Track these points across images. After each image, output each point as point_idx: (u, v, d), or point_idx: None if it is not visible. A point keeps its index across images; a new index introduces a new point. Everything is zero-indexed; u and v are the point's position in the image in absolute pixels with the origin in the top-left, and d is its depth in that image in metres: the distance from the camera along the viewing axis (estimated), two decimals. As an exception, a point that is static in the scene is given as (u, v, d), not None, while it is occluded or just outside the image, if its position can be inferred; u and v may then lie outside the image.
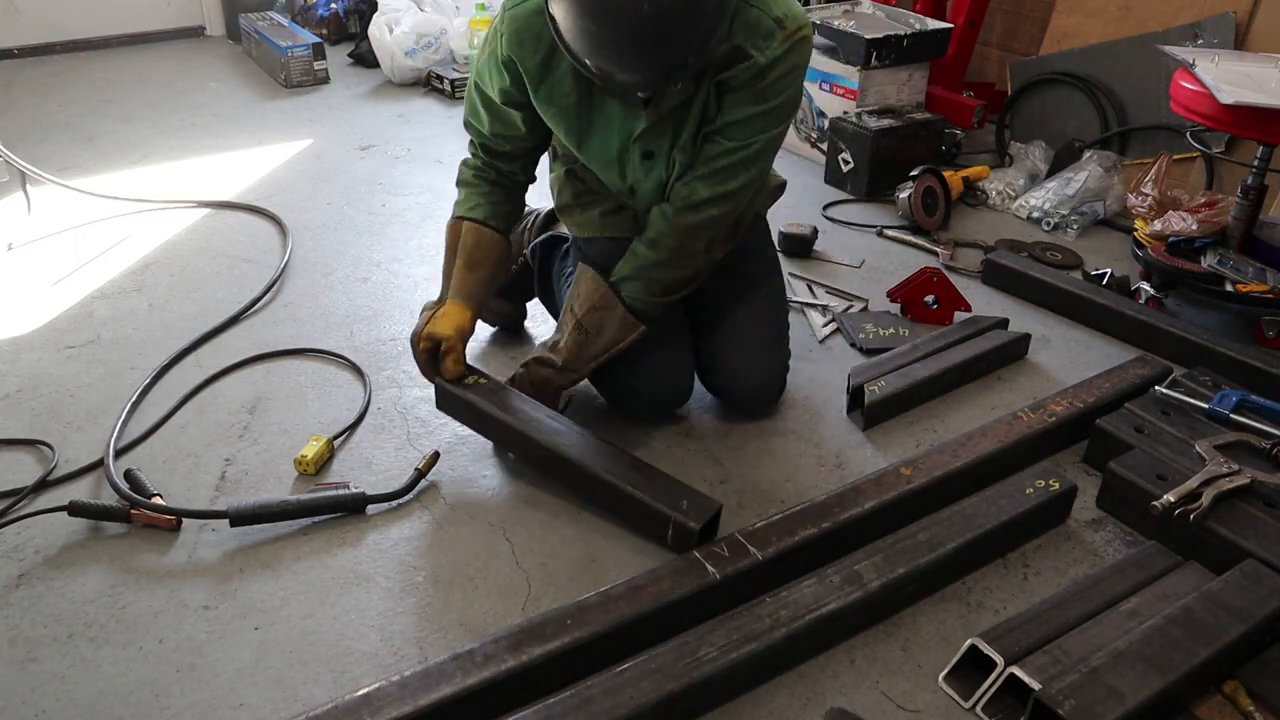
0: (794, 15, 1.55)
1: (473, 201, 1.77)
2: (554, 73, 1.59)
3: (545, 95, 1.62)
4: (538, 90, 1.62)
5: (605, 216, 1.82)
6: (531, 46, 1.57)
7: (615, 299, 1.71)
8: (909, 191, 2.69)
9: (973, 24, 3.23)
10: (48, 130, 3.30)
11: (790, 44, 1.53)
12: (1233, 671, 1.34)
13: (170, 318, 2.21)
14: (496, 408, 1.69)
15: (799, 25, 1.54)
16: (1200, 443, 1.68)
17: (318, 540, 1.58)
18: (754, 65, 1.53)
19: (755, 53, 1.52)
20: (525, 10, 1.56)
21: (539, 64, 1.58)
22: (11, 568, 1.51)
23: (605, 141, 1.67)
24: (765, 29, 1.52)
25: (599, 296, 1.71)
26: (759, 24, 1.52)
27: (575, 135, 1.67)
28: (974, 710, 1.31)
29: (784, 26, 1.52)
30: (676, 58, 1.40)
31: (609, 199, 1.82)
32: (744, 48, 1.52)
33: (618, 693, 1.22)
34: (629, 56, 1.40)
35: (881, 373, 1.95)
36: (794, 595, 1.38)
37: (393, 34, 3.76)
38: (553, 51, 1.56)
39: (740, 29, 1.51)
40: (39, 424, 1.84)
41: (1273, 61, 2.25)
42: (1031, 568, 1.56)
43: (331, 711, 1.19)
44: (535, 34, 1.55)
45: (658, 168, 1.68)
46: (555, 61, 1.58)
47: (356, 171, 3.03)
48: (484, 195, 1.77)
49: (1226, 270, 2.21)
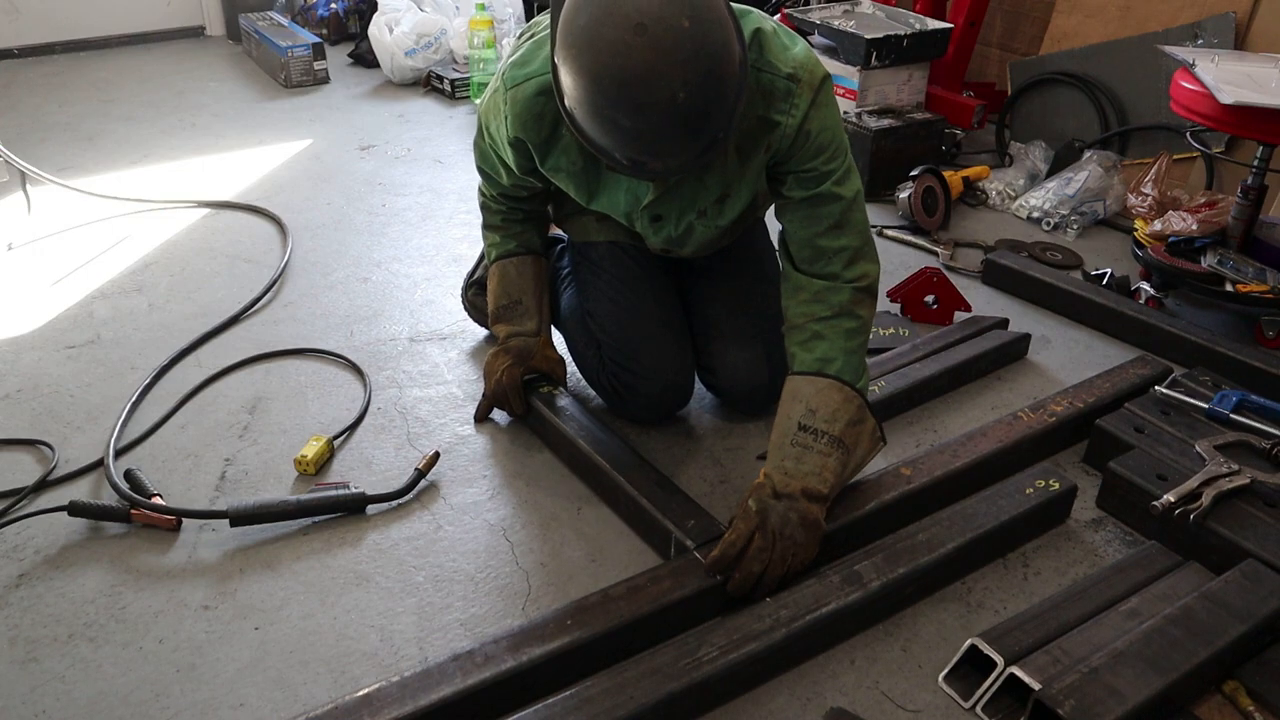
0: (802, 63, 1.44)
1: (516, 240, 1.85)
2: (559, 144, 1.55)
3: (553, 165, 1.59)
4: (545, 161, 1.59)
5: (602, 222, 1.83)
6: (535, 126, 1.52)
7: (867, 411, 1.52)
8: (909, 191, 2.69)
9: (973, 24, 3.22)
10: (48, 130, 3.30)
11: (814, 94, 1.44)
12: (1233, 671, 1.34)
13: (170, 318, 2.21)
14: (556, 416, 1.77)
15: (811, 70, 1.44)
16: (1200, 443, 1.68)
17: (318, 540, 1.58)
18: (787, 129, 1.44)
19: (781, 117, 1.43)
20: (526, 93, 1.49)
21: (544, 140, 1.55)
22: (11, 568, 1.51)
23: (614, 200, 1.64)
24: (781, 90, 1.43)
25: (854, 410, 1.50)
26: (773, 88, 1.43)
27: (585, 194, 1.64)
28: (974, 710, 1.31)
29: (799, 80, 1.42)
30: (709, 137, 1.33)
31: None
32: (768, 116, 1.44)
33: (618, 693, 1.22)
34: (665, 145, 1.31)
35: (881, 373, 1.95)
36: (794, 595, 1.38)
37: (393, 34, 3.76)
38: (556, 126, 1.52)
39: (757, 99, 1.42)
40: (39, 424, 1.84)
41: (1273, 61, 2.25)
42: (1031, 568, 1.56)
43: (331, 711, 1.19)
44: (538, 114, 1.50)
45: (666, 228, 1.66)
46: (558, 135, 1.54)
47: (356, 171, 3.03)
48: (521, 232, 1.86)
49: (1226, 270, 2.21)
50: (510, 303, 1.84)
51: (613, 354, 1.80)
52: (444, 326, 2.19)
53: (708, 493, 1.70)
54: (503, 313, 1.84)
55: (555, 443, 1.78)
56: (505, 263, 1.85)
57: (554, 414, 1.77)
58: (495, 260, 1.86)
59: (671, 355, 1.80)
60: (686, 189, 1.58)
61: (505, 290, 1.84)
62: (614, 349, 1.80)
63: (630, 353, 1.77)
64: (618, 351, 1.79)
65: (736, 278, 1.86)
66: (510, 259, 1.84)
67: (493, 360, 1.84)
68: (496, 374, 1.82)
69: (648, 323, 1.80)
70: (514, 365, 1.82)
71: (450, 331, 2.17)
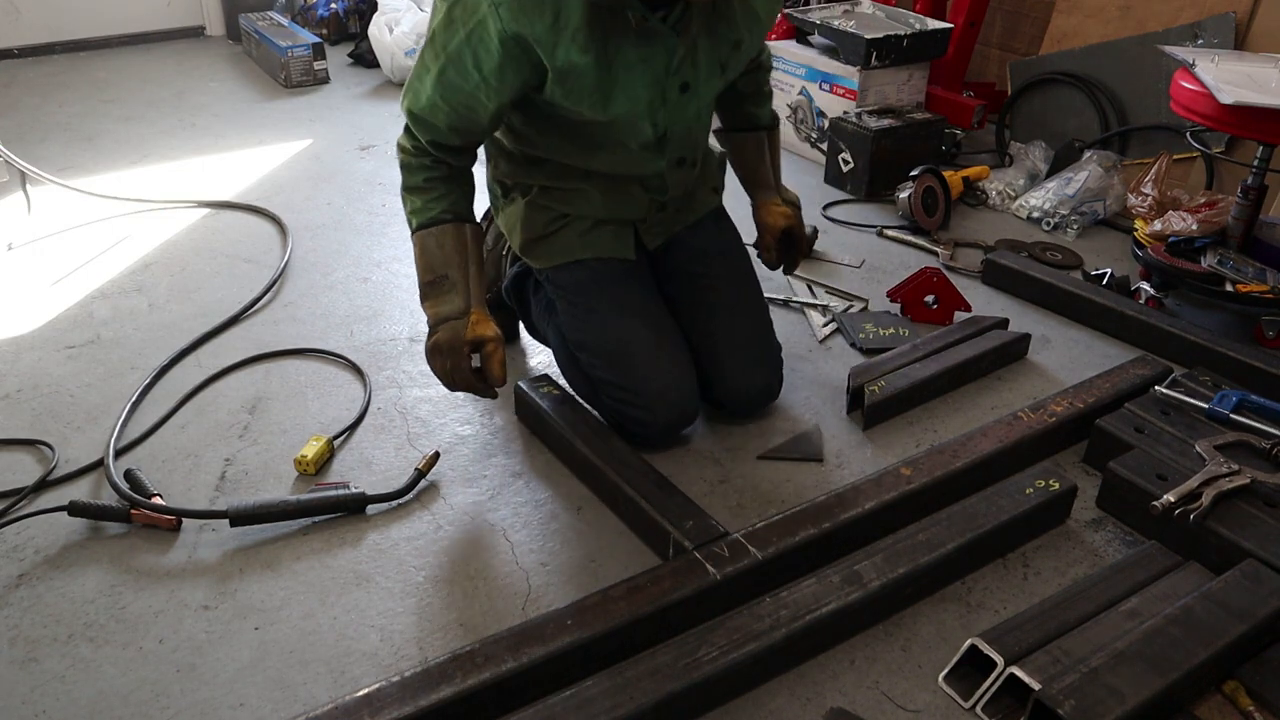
0: None
1: (442, 205, 1.65)
2: (565, 31, 1.45)
3: (563, 62, 1.48)
4: (555, 57, 1.47)
5: (585, 236, 1.75)
6: (536, 10, 1.43)
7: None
8: (909, 191, 2.69)
9: (973, 24, 3.23)
10: (48, 130, 3.30)
11: None
12: (1233, 671, 1.34)
13: (170, 318, 2.21)
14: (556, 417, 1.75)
15: None
16: (1200, 443, 1.68)
17: (318, 540, 1.58)
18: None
19: None
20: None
21: (549, 27, 1.44)
22: (11, 568, 1.52)
23: (632, 92, 1.56)
24: None
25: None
26: None
27: (600, 95, 1.54)
28: (974, 710, 1.31)
29: None
30: None
31: (587, 211, 1.74)
32: None
33: (618, 693, 1.21)
34: None
35: (881, 373, 1.95)
36: (794, 595, 1.38)
37: (393, 34, 3.76)
38: (557, 8, 1.44)
39: None
40: (39, 424, 1.84)
41: (1273, 61, 2.25)
42: (1031, 568, 1.56)
43: (331, 712, 1.19)
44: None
45: (694, 99, 1.64)
46: (563, 19, 1.44)
47: (356, 171, 3.03)
48: (447, 193, 1.66)
49: (1226, 270, 2.21)
50: (435, 278, 1.64)
51: (611, 390, 1.73)
52: (444, 326, 2.19)
53: (707, 493, 1.70)
54: (428, 290, 1.65)
55: (555, 443, 1.78)
56: (425, 234, 1.64)
57: (554, 414, 1.77)
58: (416, 230, 1.65)
59: (676, 379, 1.73)
60: (705, 43, 1.59)
61: (428, 265, 1.65)
62: (612, 385, 1.73)
63: (631, 386, 1.70)
64: (616, 387, 1.72)
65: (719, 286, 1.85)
66: (431, 229, 1.64)
67: (432, 361, 1.66)
68: (446, 376, 1.66)
69: (644, 348, 1.72)
70: (453, 360, 1.64)
71: (450, 331, 2.17)
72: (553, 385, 1.85)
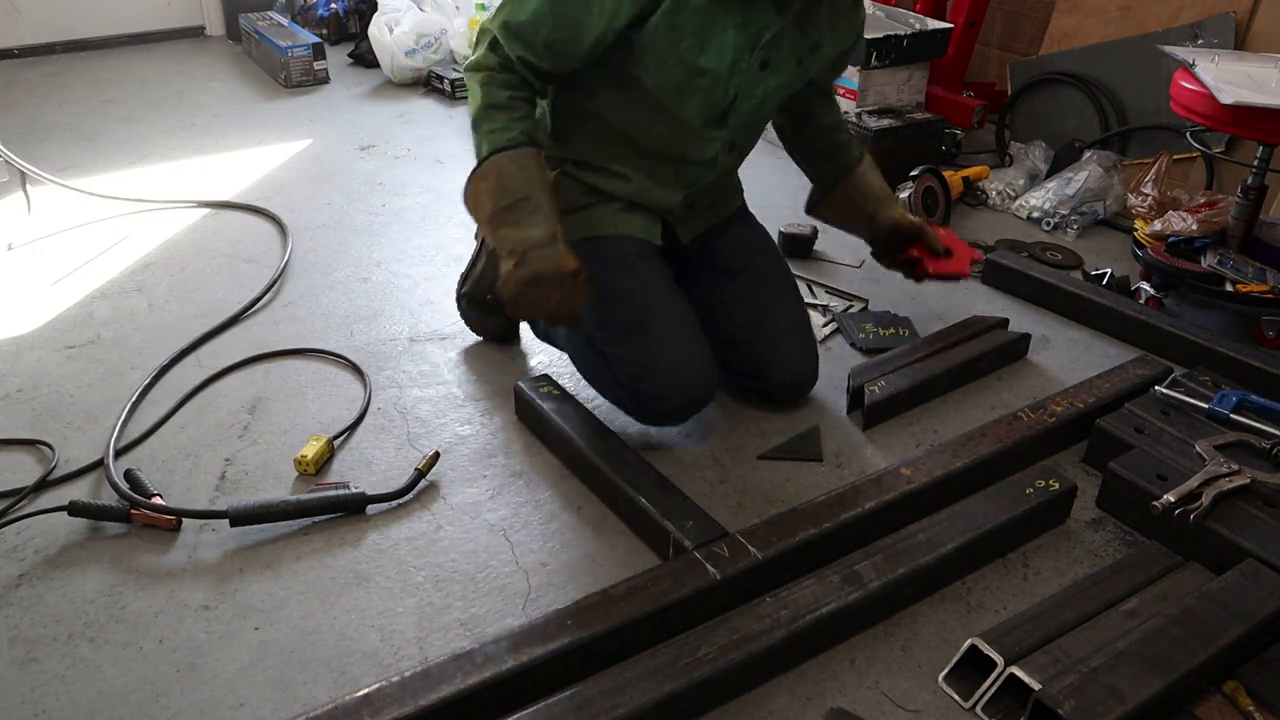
0: None
1: (523, 125, 1.56)
2: None
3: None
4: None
5: (615, 215, 1.76)
6: None
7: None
8: (909, 191, 2.68)
9: (973, 24, 3.23)
10: (48, 130, 3.30)
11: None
12: (1233, 671, 1.34)
13: (170, 318, 2.21)
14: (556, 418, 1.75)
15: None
16: (1200, 443, 1.68)
17: (318, 540, 1.58)
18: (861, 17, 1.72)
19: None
20: None
21: None
22: (11, 568, 1.52)
23: (724, 48, 1.57)
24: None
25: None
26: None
27: (699, 39, 1.55)
28: (974, 710, 1.31)
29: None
30: None
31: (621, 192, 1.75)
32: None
33: (618, 693, 1.21)
34: None
35: (881, 373, 1.95)
36: (794, 595, 1.38)
37: (393, 34, 3.76)
38: None
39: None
40: (39, 424, 1.84)
41: (1273, 61, 2.25)
42: (1031, 568, 1.56)
43: (331, 711, 1.19)
44: None
45: (769, 78, 1.66)
46: None
47: (356, 171, 3.03)
48: (527, 114, 1.58)
49: (1226, 270, 2.21)
50: (515, 201, 1.53)
51: (627, 367, 1.71)
52: (444, 326, 2.19)
53: (707, 493, 1.70)
54: (506, 214, 1.53)
55: (555, 443, 1.78)
56: (504, 156, 1.54)
57: (554, 414, 1.77)
58: (492, 154, 1.54)
59: (692, 354, 1.72)
60: (791, 34, 1.64)
61: (506, 188, 1.53)
62: (627, 361, 1.71)
63: (647, 361, 1.68)
64: (632, 363, 1.70)
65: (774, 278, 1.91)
66: (512, 151, 1.54)
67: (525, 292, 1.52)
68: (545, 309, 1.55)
69: (662, 323, 1.71)
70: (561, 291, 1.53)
71: (450, 331, 2.17)
72: (553, 385, 1.85)
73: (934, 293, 2.37)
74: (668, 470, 1.69)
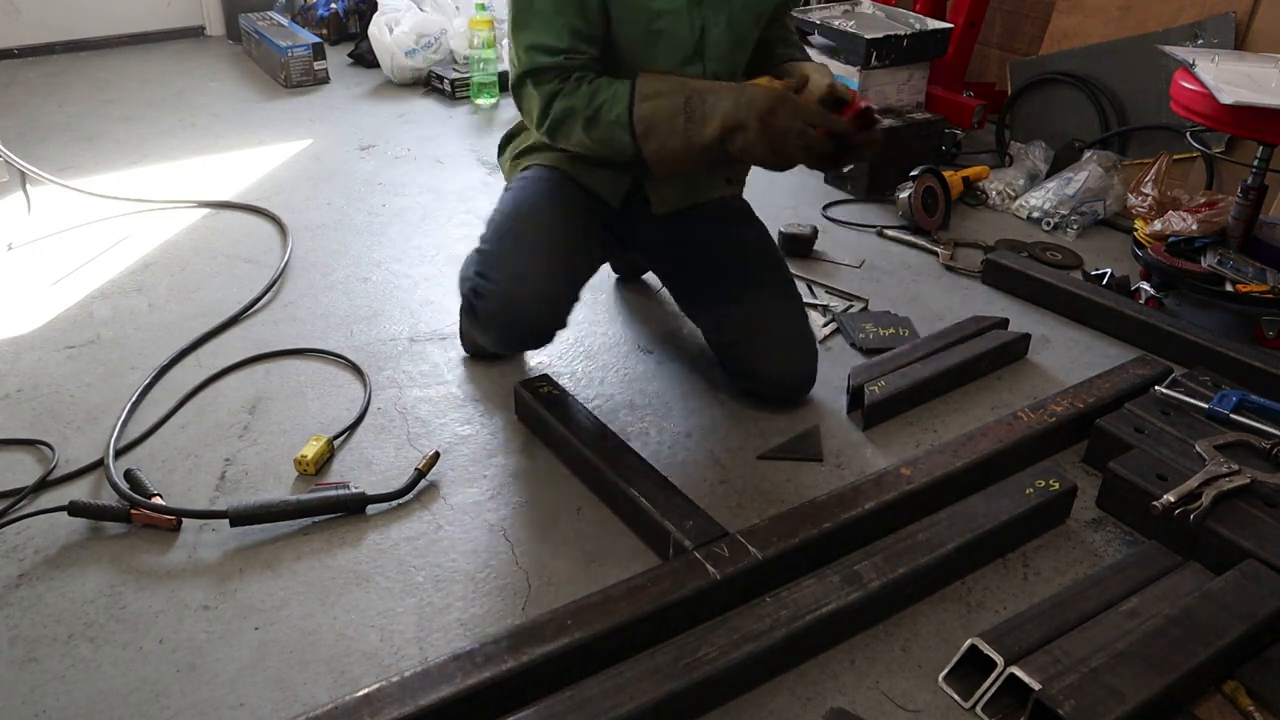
0: None
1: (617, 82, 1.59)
2: None
3: None
4: None
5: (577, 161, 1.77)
6: None
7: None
8: (909, 191, 2.69)
9: (973, 24, 3.23)
10: (48, 130, 3.30)
11: None
12: (1233, 671, 1.34)
13: (170, 318, 2.21)
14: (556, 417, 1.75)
15: None
16: (1200, 443, 1.68)
17: (318, 540, 1.58)
18: None
19: None
20: None
21: None
22: (11, 568, 1.52)
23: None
24: None
25: None
26: None
27: None
28: (974, 710, 1.31)
29: None
30: None
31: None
32: None
33: (618, 693, 1.21)
34: None
35: (881, 373, 1.95)
36: (794, 595, 1.38)
37: (393, 34, 3.76)
38: None
39: None
40: (39, 424, 1.84)
41: (1273, 61, 2.25)
42: (1031, 568, 1.56)
43: (331, 711, 1.19)
44: None
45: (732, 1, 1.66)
46: None
47: (356, 171, 3.03)
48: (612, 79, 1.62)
49: (1226, 270, 2.21)
50: (686, 98, 1.55)
51: (480, 260, 1.72)
52: (444, 326, 2.19)
53: (707, 493, 1.70)
54: (690, 110, 1.54)
55: (555, 443, 1.78)
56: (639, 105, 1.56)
57: (554, 414, 1.77)
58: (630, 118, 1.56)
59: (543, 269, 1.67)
60: None
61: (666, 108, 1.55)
62: (485, 256, 1.71)
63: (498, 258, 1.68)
64: (486, 257, 1.71)
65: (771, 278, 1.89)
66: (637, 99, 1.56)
67: (770, 137, 1.51)
68: (798, 145, 1.53)
69: (532, 234, 1.69)
70: (805, 116, 1.53)
71: (450, 331, 2.17)
72: (552, 385, 1.85)
73: (934, 293, 2.37)
74: (667, 470, 1.69)
